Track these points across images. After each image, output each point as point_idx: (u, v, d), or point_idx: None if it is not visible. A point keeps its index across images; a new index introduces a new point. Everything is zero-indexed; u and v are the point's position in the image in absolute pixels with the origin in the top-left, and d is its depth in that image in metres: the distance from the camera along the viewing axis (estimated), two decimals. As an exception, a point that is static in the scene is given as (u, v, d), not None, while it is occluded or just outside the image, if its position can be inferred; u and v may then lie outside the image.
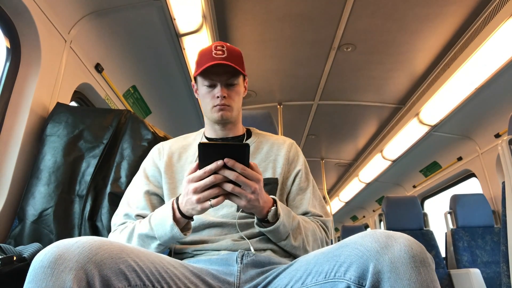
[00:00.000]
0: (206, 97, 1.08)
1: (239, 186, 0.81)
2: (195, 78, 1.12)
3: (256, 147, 1.14)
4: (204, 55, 1.07)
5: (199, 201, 0.81)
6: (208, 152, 0.80)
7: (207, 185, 0.80)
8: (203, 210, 0.84)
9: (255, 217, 0.93)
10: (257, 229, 0.95)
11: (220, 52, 1.05)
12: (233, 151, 0.80)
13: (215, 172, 0.80)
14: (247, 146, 0.80)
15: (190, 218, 0.90)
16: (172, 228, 0.88)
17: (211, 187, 0.81)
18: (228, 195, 0.83)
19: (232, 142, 1.02)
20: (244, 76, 1.13)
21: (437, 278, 0.65)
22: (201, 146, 0.79)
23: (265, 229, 0.93)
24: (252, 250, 0.95)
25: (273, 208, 0.91)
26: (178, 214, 0.88)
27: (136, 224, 0.98)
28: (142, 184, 1.09)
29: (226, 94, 1.06)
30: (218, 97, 1.05)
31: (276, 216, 0.91)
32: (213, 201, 0.82)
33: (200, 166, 0.81)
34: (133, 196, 1.08)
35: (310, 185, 1.13)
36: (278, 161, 1.11)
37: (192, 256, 0.98)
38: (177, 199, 0.89)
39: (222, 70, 1.04)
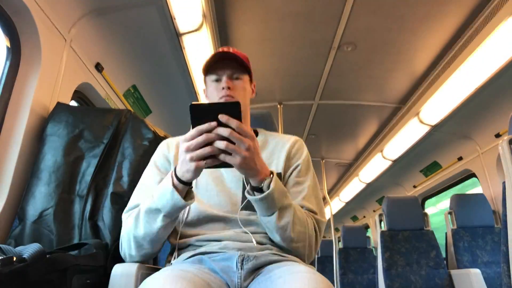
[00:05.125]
0: (213, 92, 1.12)
1: (233, 144, 0.81)
2: (205, 81, 1.17)
3: (262, 144, 1.17)
4: (211, 57, 1.11)
5: (192, 160, 0.82)
6: (199, 113, 0.80)
7: (199, 144, 0.80)
8: (197, 170, 0.84)
9: (248, 183, 0.93)
10: (247, 197, 0.94)
11: (225, 49, 1.12)
12: (224, 109, 0.80)
13: (208, 130, 0.80)
14: (238, 103, 0.80)
15: (189, 184, 0.90)
16: (173, 194, 0.89)
17: (205, 146, 0.81)
18: (222, 154, 0.82)
19: (222, 101, 1.04)
20: (250, 78, 1.19)
21: None
22: (192, 107, 0.79)
23: (253, 197, 0.92)
24: (254, 242, 0.96)
25: (269, 177, 0.91)
26: (175, 180, 0.89)
27: (141, 204, 0.99)
28: (153, 175, 1.11)
29: (231, 85, 1.10)
30: (223, 88, 1.09)
31: (268, 187, 0.91)
32: (207, 161, 0.82)
33: (193, 127, 0.81)
34: (144, 188, 1.09)
35: (308, 181, 1.12)
36: (281, 157, 1.14)
37: (195, 249, 0.99)
38: (176, 168, 0.90)
39: (227, 65, 1.11)
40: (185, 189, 0.91)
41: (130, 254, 1.01)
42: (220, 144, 0.80)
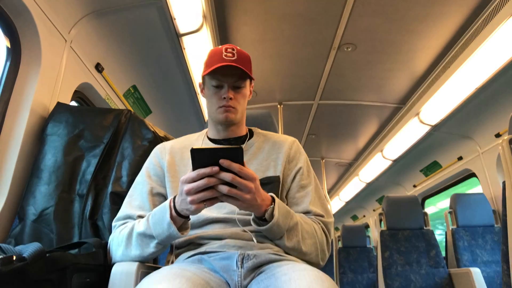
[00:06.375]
0: (213, 98, 1.10)
1: (235, 187, 0.81)
2: (203, 78, 1.13)
3: (258, 146, 1.15)
4: (214, 55, 1.08)
5: (193, 203, 0.82)
6: (200, 157, 0.79)
7: (200, 187, 0.80)
8: (197, 211, 0.85)
9: (253, 214, 0.94)
10: (253, 226, 0.95)
11: (230, 55, 1.06)
12: (226, 154, 0.79)
13: (210, 175, 0.79)
14: (240, 149, 0.79)
15: (187, 217, 0.91)
16: (169, 226, 0.89)
17: (206, 189, 0.81)
18: (223, 197, 0.82)
19: (224, 146, 1.02)
20: (251, 80, 1.15)
21: None
22: (193, 151, 0.78)
23: (259, 227, 0.93)
24: (255, 241, 0.96)
25: (271, 206, 0.91)
26: (174, 213, 0.89)
27: (135, 223, 1.00)
28: (145, 184, 1.10)
29: (233, 96, 1.07)
30: (224, 98, 1.07)
31: (272, 215, 0.91)
32: (207, 202, 0.82)
33: (193, 170, 0.81)
34: (135, 196, 1.09)
35: (312, 183, 1.13)
36: (279, 159, 1.12)
37: (195, 248, 0.99)
38: (174, 198, 0.90)
39: (230, 72, 1.06)
40: (182, 221, 0.91)
41: (115, 258, 1.03)
42: (223, 189, 0.81)
